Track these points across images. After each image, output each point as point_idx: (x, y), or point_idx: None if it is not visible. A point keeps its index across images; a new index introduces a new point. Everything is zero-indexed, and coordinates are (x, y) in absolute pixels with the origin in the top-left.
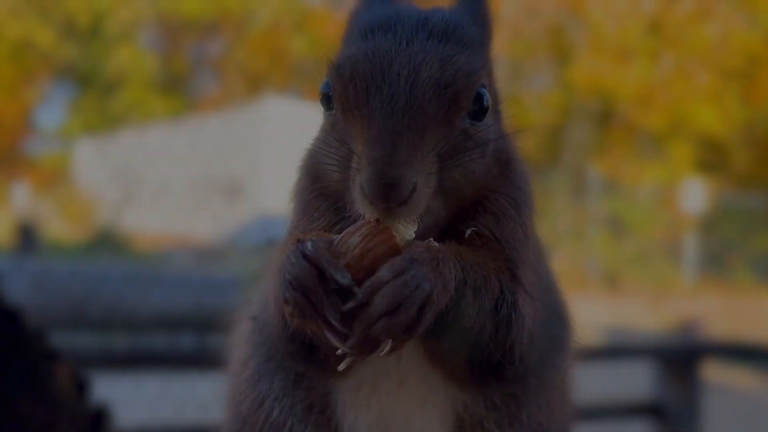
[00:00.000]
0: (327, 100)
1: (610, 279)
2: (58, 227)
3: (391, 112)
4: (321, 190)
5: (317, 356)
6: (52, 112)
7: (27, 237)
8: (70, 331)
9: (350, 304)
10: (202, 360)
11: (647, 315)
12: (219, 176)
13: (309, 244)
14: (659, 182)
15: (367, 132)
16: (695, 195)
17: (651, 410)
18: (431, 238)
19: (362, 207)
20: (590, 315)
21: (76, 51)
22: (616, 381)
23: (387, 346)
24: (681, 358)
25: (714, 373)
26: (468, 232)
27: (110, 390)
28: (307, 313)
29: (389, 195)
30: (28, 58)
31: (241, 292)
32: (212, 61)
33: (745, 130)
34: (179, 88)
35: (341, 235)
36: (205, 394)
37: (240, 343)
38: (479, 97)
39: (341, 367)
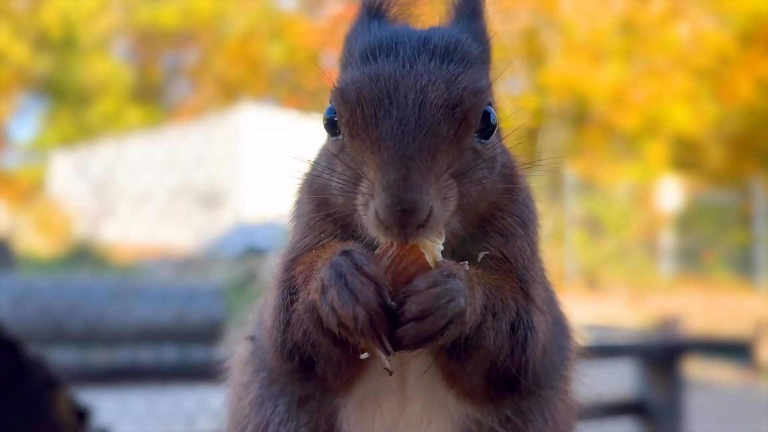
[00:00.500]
0: (332, 126)
1: (590, 278)
2: (35, 241)
3: (401, 135)
4: (327, 215)
5: (314, 374)
6: (26, 124)
7: (3, 252)
8: (51, 346)
9: (391, 304)
10: (187, 373)
11: (627, 313)
12: (199, 186)
13: (363, 259)
14: (635, 181)
15: (379, 157)
16: (671, 193)
17: (634, 408)
18: (465, 262)
19: (377, 233)
20: (572, 315)
21: (49, 63)
22: (599, 380)
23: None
24: (663, 356)
25: (694, 369)
26: (480, 255)
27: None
28: (367, 331)
29: (406, 221)
30: (1, 72)
31: (224, 302)
32: (188, 70)
33: (717, 129)
34: (155, 98)
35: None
36: (191, 408)
37: (240, 365)
38: (486, 116)
39: (363, 357)
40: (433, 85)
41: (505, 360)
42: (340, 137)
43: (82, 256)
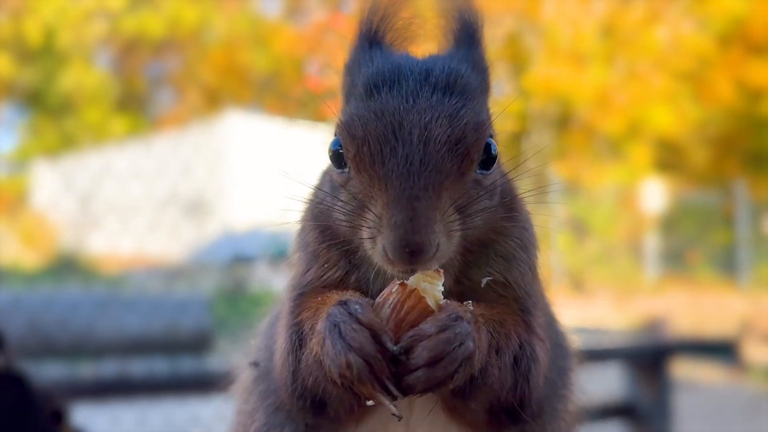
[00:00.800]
0: (338, 159)
1: (576, 281)
2: (17, 253)
3: (407, 174)
4: (331, 242)
5: (326, 412)
6: (8, 135)
7: None
8: (40, 361)
9: (396, 349)
10: (178, 386)
11: (614, 314)
12: (187, 195)
13: (358, 307)
14: (619, 183)
15: (386, 195)
16: (654, 195)
17: (623, 411)
18: (470, 301)
19: (384, 265)
20: (559, 318)
21: (30, 72)
22: (587, 383)
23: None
24: (650, 357)
25: (681, 370)
26: (484, 281)
27: (86, 422)
28: (365, 377)
29: (414, 260)
30: None
31: (213, 312)
32: (172, 79)
33: (699, 130)
34: (139, 108)
35: (373, 305)
36: (183, 421)
37: (244, 392)
38: (487, 147)
39: (369, 404)
40: (437, 122)
41: (508, 393)
42: (347, 170)
43: (69, 268)
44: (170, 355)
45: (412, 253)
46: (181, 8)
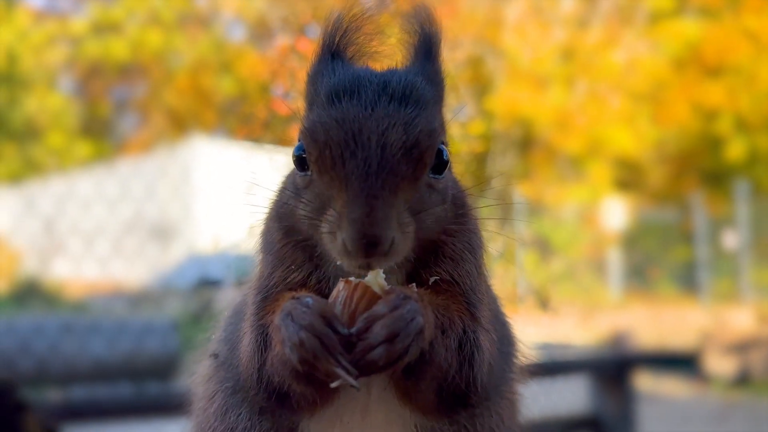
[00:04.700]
0: (301, 163)
1: (541, 298)
2: None
3: (366, 175)
4: (295, 241)
5: (289, 403)
6: None
7: None
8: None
9: (348, 331)
10: (144, 409)
11: (578, 331)
12: (152, 219)
13: (309, 299)
14: (581, 202)
15: (346, 194)
16: (615, 213)
17: (588, 423)
18: (413, 284)
19: (342, 260)
20: (526, 334)
21: None
22: (554, 396)
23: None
24: (614, 371)
25: (644, 383)
26: (432, 280)
27: None
28: (320, 354)
29: (370, 251)
30: None
31: (179, 335)
32: (137, 104)
33: (657, 149)
34: (104, 133)
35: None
36: None
37: (203, 380)
38: (439, 153)
39: (333, 385)
40: (393, 129)
41: (454, 376)
42: (309, 173)
43: (32, 293)
44: (136, 379)
45: (368, 245)
46: (145, 32)
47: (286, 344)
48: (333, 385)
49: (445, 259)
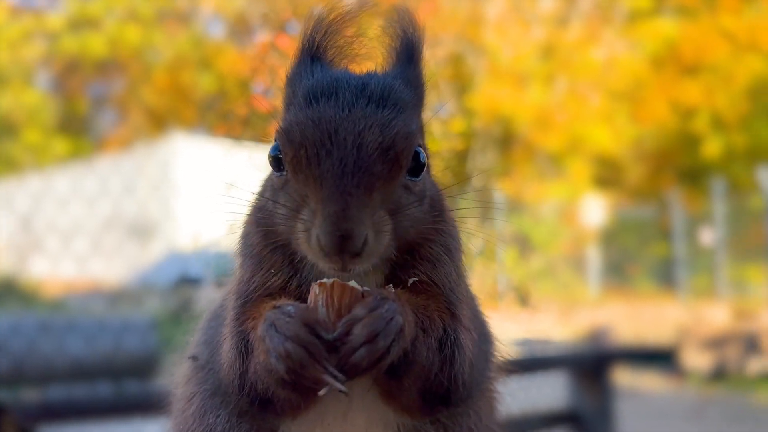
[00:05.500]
0: (277, 163)
1: (521, 295)
2: None
3: (341, 174)
4: (274, 245)
5: (272, 408)
6: None
7: None
8: None
9: (331, 336)
10: (123, 409)
11: (558, 326)
12: (130, 216)
13: (291, 308)
14: (560, 199)
15: (320, 192)
16: (594, 210)
17: (568, 418)
18: (390, 285)
19: (317, 259)
20: (506, 331)
21: None
22: (534, 392)
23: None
24: (593, 366)
25: (623, 378)
26: (411, 281)
27: None
28: (307, 363)
29: (344, 246)
30: None
31: (158, 334)
32: (114, 100)
33: (635, 147)
34: (82, 129)
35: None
36: None
37: (182, 382)
38: (416, 156)
39: (322, 393)
40: (369, 129)
41: (436, 374)
42: (284, 173)
43: (8, 292)
44: (115, 378)
45: (342, 238)
46: (124, 28)
47: (271, 354)
48: (321, 392)
49: (423, 261)
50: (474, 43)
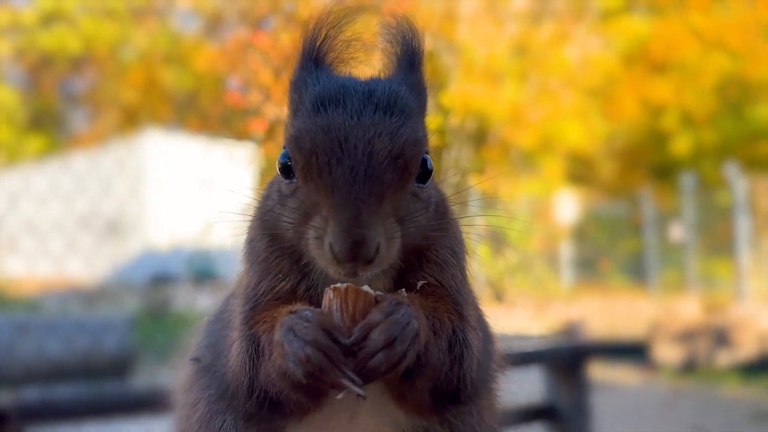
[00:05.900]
0: (287, 170)
1: (497, 290)
2: None
3: (353, 181)
4: (281, 250)
5: (282, 411)
6: None
7: None
8: None
9: (349, 341)
10: (102, 409)
11: (533, 321)
12: (106, 214)
13: (308, 312)
14: (534, 196)
15: (333, 199)
16: (567, 206)
17: (544, 413)
18: (403, 289)
19: (328, 265)
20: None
21: None
22: (512, 387)
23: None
24: (568, 361)
25: (597, 372)
26: (419, 284)
27: None
28: (327, 368)
29: (357, 253)
30: None
31: (136, 332)
32: (87, 96)
33: (607, 144)
34: (53, 125)
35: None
36: None
37: (185, 386)
38: (424, 162)
39: (339, 396)
40: (379, 137)
41: (446, 374)
42: (294, 180)
43: None
44: (93, 378)
45: (355, 245)
46: (98, 24)
47: (289, 359)
48: (339, 396)
49: (429, 264)
50: (449, 40)
